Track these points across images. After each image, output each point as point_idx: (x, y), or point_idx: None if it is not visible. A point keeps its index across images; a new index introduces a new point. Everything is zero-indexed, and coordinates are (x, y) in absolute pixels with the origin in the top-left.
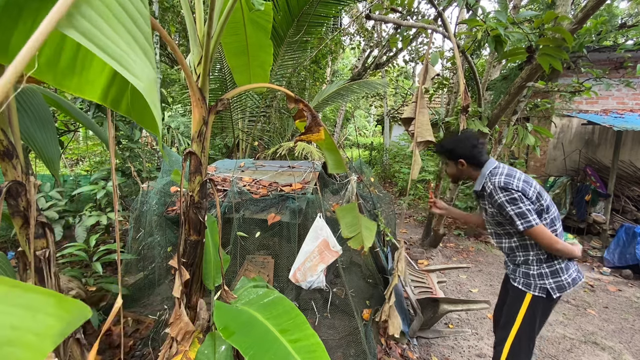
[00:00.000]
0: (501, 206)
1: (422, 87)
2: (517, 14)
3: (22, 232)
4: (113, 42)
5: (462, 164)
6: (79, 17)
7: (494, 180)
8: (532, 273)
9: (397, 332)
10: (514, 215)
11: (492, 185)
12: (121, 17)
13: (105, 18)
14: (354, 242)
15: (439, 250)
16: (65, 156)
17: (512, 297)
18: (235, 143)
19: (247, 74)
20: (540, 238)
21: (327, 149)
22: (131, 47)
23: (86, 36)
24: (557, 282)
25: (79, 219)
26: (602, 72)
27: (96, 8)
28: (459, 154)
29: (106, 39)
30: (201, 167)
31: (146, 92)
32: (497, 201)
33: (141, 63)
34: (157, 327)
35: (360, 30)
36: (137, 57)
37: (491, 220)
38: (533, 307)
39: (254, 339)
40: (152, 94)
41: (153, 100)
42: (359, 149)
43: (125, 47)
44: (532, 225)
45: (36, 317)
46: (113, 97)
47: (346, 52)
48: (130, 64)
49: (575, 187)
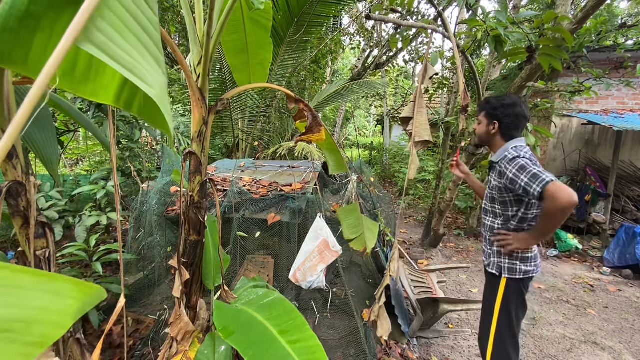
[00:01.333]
0: (513, 180)
1: (421, 87)
2: (517, 14)
3: (22, 232)
4: (126, 52)
5: (494, 127)
6: (94, 31)
7: (508, 156)
8: (503, 253)
9: (386, 334)
10: (528, 181)
11: (505, 161)
12: (133, 27)
13: (118, 30)
14: (357, 243)
15: (439, 250)
16: (65, 156)
17: (488, 287)
18: (235, 143)
19: (247, 73)
20: (560, 196)
21: (328, 149)
22: (143, 56)
23: (101, 49)
24: (526, 267)
25: (79, 219)
26: (602, 72)
27: (110, 21)
28: (497, 115)
29: (120, 50)
30: (201, 167)
31: (158, 99)
32: (507, 175)
33: (153, 71)
34: (157, 327)
35: (360, 30)
36: (149, 66)
37: (488, 194)
38: (507, 292)
39: (254, 339)
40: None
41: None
42: (359, 149)
43: (138, 56)
44: (547, 182)
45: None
46: (126, 99)
47: (346, 52)
48: (143, 72)
49: (575, 187)
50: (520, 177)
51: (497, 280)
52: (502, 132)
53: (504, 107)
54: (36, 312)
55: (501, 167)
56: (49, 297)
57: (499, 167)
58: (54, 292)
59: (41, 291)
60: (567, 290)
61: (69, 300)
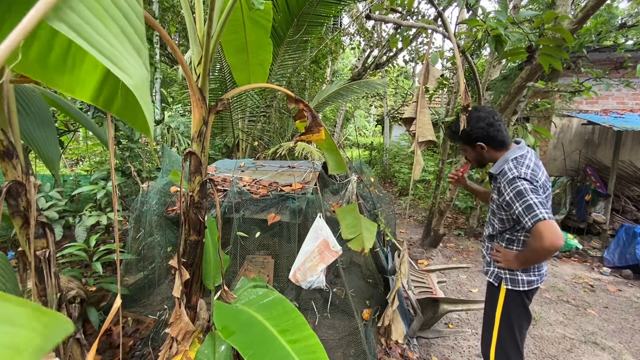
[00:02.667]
0: (509, 204)
1: (422, 86)
2: (517, 14)
3: (22, 232)
4: (104, 38)
5: (482, 147)
6: (68, 11)
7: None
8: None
9: (401, 337)
10: (522, 211)
11: (504, 180)
12: (114, 14)
13: (96, 14)
14: (355, 243)
15: (439, 250)
16: (65, 156)
17: (488, 296)
18: (235, 143)
19: (246, 72)
20: (546, 237)
21: (328, 149)
22: (123, 45)
23: (75, 30)
24: (528, 276)
25: (79, 219)
26: (602, 72)
27: (86, 2)
28: (475, 137)
29: (96, 35)
30: (201, 167)
31: (136, 90)
32: (505, 197)
33: (133, 61)
34: (157, 327)
35: (360, 30)
36: (130, 56)
37: (491, 207)
38: (507, 304)
39: (254, 339)
40: (142, 92)
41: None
42: (359, 149)
43: (117, 44)
44: (539, 219)
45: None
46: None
47: (346, 52)
48: (121, 60)
49: (575, 187)
50: (516, 203)
51: (496, 290)
52: (490, 146)
53: (473, 127)
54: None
55: (500, 184)
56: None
57: (499, 183)
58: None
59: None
60: (567, 290)
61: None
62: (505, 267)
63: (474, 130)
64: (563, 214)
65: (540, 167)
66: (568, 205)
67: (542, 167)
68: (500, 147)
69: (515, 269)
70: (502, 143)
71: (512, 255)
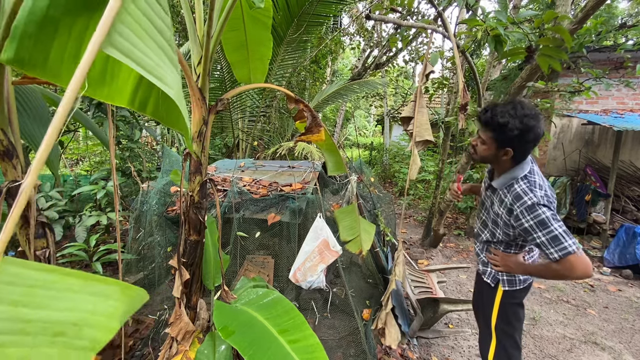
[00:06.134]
0: (527, 231)
1: (421, 86)
2: (517, 14)
3: (22, 232)
4: (146, 55)
5: (506, 155)
6: (116, 36)
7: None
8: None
9: (394, 343)
10: (546, 241)
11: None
12: (150, 30)
13: (137, 34)
14: (353, 245)
15: (439, 250)
16: (65, 156)
17: (483, 295)
18: (235, 143)
19: (246, 69)
20: (578, 269)
21: (327, 149)
22: (160, 58)
23: (124, 53)
24: (524, 275)
25: (79, 219)
26: (602, 72)
27: (129, 25)
28: (511, 140)
29: (140, 54)
30: (201, 167)
31: (177, 98)
32: (522, 222)
33: (170, 71)
34: (157, 327)
35: (360, 30)
36: (166, 67)
37: (491, 215)
38: (504, 303)
39: (253, 338)
40: (180, 98)
41: (182, 104)
42: (359, 149)
43: (156, 58)
44: (569, 252)
45: (106, 302)
46: (140, 101)
47: (346, 52)
48: (163, 74)
49: (575, 187)
50: (538, 233)
51: (492, 291)
52: (514, 159)
53: (521, 133)
54: (86, 315)
55: (512, 206)
56: (96, 300)
57: (507, 201)
58: (101, 294)
59: (89, 294)
60: (567, 290)
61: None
62: (503, 271)
63: (521, 135)
64: (563, 214)
65: (544, 179)
66: (568, 205)
67: (542, 175)
68: (520, 161)
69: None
70: (524, 158)
71: (513, 262)
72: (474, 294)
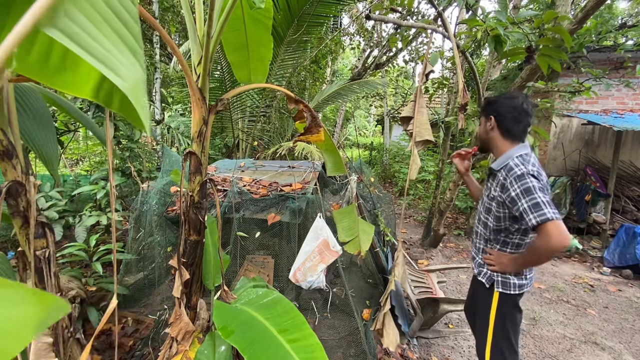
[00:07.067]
0: (514, 200)
1: (421, 86)
2: (517, 14)
3: (22, 232)
4: (97, 42)
5: (491, 123)
6: (61, 16)
7: (515, 170)
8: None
9: (392, 345)
10: (528, 207)
11: (511, 176)
12: (108, 16)
13: (90, 17)
14: (351, 246)
15: (439, 250)
16: (65, 156)
17: (480, 297)
18: (235, 143)
19: (246, 69)
20: (554, 235)
21: (327, 150)
22: (117, 48)
23: (68, 35)
24: (520, 280)
25: (79, 219)
26: (602, 72)
27: (80, 7)
28: (493, 109)
29: (90, 39)
30: (201, 167)
31: (130, 93)
32: (510, 193)
33: (128, 63)
34: (157, 327)
35: (360, 30)
36: (124, 58)
37: (486, 204)
38: (501, 307)
39: (253, 338)
40: (137, 94)
41: (138, 99)
42: (359, 149)
43: (111, 47)
44: (547, 218)
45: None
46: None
47: (346, 52)
48: (115, 64)
49: (575, 187)
50: (522, 200)
51: (488, 293)
52: (500, 128)
53: (500, 100)
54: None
55: (505, 180)
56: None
57: (502, 178)
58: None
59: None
60: (567, 290)
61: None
62: (498, 271)
63: (500, 102)
64: (563, 214)
65: (540, 167)
66: (568, 205)
67: (539, 164)
68: (508, 136)
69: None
70: (511, 133)
71: (506, 258)
72: (468, 296)
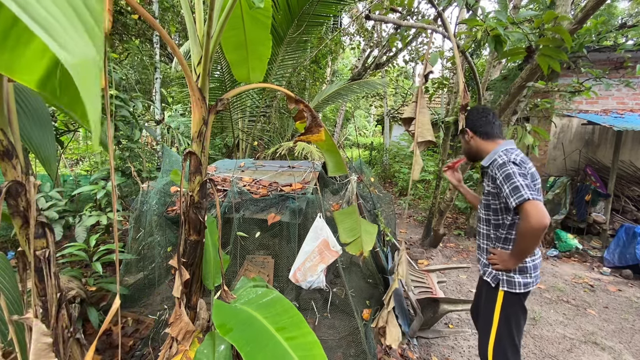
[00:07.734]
0: (499, 187)
1: (422, 86)
2: (517, 14)
3: (22, 232)
4: (53, 16)
5: (470, 135)
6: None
7: (498, 160)
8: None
9: (395, 343)
10: (509, 192)
11: (495, 166)
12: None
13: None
14: (353, 247)
15: (439, 250)
16: (65, 156)
17: (485, 296)
18: (235, 143)
19: (245, 68)
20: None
21: (327, 150)
22: (70, 21)
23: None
24: (524, 279)
25: (79, 219)
26: (602, 72)
27: None
28: (465, 124)
29: (43, 11)
30: (201, 167)
31: (75, 71)
32: (496, 182)
33: (79, 39)
34: (157, 327)
35: (360, 30)
36: (76, 33)
37: (483, 201)
38: (506, 306)
39: (251, 336)
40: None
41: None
42: (359, 149)
43: (62, 18)
44: (524, 198)
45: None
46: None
47: (346, 52)
48: (63, 36)
49: (575, 187)
50: (504, 186)
51: (493, 291)
52: (478, 134)
53: (467, 116)
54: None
55: (493, 172)
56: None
57: (491, 172)
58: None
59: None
60: (567, 290)
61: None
62: (502, 269)
63: (467, 119)
64: (563, 214)
65: (527, 160)
66: (568, 205)
67: (530, 162)
68: (487, 137)
69: (512, 271)
70: (489, 134)
71: (507, 255)
72: (475, 297)
